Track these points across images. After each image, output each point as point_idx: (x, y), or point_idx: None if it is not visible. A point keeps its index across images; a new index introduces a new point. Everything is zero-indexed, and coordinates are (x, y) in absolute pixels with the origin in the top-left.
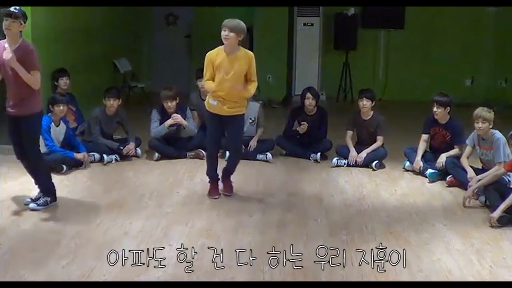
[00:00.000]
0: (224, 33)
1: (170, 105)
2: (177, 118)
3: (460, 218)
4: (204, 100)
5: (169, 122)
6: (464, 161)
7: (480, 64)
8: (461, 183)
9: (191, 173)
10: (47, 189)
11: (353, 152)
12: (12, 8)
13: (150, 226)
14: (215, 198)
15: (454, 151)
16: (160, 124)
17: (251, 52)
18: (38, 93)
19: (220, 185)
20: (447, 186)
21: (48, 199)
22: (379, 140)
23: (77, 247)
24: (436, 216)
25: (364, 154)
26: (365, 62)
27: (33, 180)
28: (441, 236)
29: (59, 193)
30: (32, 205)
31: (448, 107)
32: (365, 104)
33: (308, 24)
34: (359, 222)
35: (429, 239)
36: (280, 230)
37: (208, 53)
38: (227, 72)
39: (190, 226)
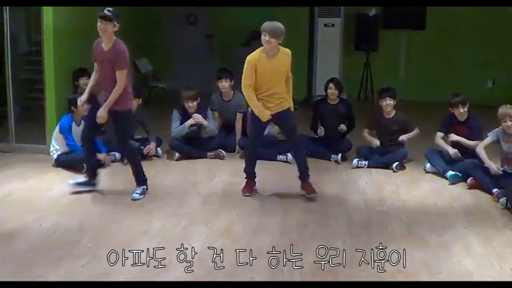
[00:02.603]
0: (265, 38)
1: (191, 105)
2: (198, 118)
3: (480, 220)
4: (225, 100)
5: (189, 122)
6: (482, 151)
7: (502, 65)
8: (482, 185)
9: (212, 173)
10: (143, 179)
11: (374, 141)
12: (105, 11)
13: (170, 226)
14: (246, 195)
15: (474, 143)
16: (181, 124)
17: (288, 50)
18: (127, 92)
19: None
20: (467, 188)
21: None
22: (415, 130)
23: (96, 246)
24: (457, 218)
25: (405, 137)
26: (386, 63)
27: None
28: (461, 239)
29: (79, 193)
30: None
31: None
32: (389, 103)
33: (329, 24)
34: (379, 223)
35: (449, 241)
36: (300, 231)
37: (249, 56)
38: (269, 73)
39: (210, 226)
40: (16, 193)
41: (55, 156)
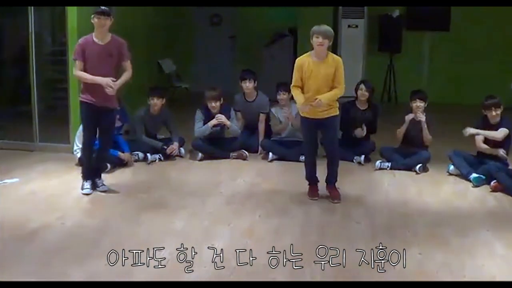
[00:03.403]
0: (318, 40)
1: (214, 105)
2: (221, 118)
3: (503, 223)
4: (248, 101)
5: (213, 122)
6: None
7: None
8: (506, 188)
9: (234, 173)
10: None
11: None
12: (103, 8)
13: (192, 226)
14: (314, 199)
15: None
16: (204, 124)
17: (338, 57)
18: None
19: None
20: (491, 191)
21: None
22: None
23: (119, 245)
24: (480, 221)
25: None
26: (409, 64)
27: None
28: (484, 242)
29: (102, 192)
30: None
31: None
32: (419, 105)
33: (353, 25)
34: (402, 226)
35: (472, 244)
36: (322, 232)
37: (298, 59)
38: (316, 77)
39: (232, 227)
40: (40, 191)
41: (78, 155)
